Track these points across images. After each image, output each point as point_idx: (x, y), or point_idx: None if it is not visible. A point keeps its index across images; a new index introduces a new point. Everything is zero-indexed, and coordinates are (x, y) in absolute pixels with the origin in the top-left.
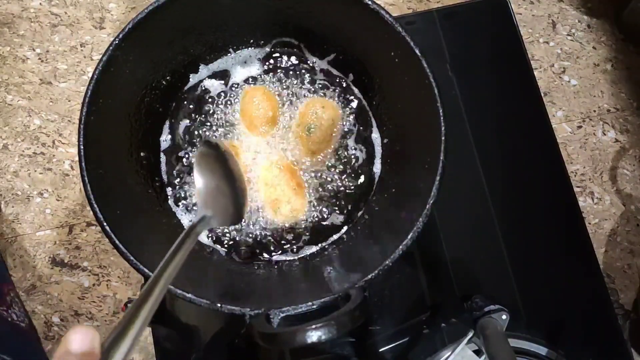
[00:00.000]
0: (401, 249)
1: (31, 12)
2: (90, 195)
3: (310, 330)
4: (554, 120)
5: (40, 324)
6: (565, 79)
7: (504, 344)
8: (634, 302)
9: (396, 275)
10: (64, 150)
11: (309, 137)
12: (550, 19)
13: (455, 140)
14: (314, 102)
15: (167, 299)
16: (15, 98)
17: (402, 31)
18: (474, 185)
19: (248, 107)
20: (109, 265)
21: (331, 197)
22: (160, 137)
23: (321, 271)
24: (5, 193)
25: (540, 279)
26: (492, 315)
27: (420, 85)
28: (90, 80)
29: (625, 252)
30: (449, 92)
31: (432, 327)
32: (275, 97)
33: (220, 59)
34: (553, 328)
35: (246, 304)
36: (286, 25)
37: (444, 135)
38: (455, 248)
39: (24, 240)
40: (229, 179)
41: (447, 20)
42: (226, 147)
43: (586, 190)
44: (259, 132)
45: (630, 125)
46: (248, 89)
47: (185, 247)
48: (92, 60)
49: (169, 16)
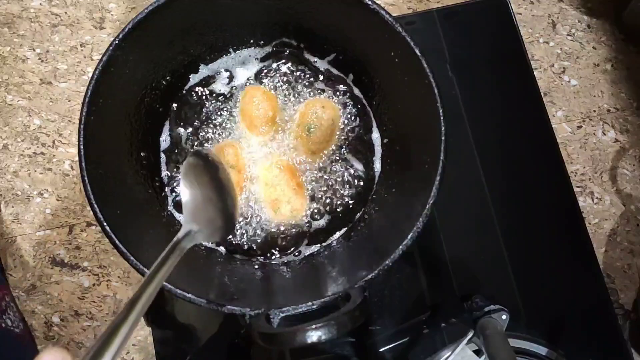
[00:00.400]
0: (401, 249)
1: (31, 12)
2: (90, 195)
3: (310, 330)
4: (554, 120)
5: (40, 324)
6: (565, 79)
7: (504, 344)
8: (634, 302)
9: (396, 275)
10: (64, 150)
11: (309, 137)
12: (550, 19)
13: (455, 140)
14: (314, 102)
15: (167, 299)
16: (15, 98)
17: (402, 31)
18: (474, 185)
19: (248, 107)
20: (109, 265)
21: (331, 197)
22: (160, 137)
23: (321, 271)
24: (5, 193)
25: (540, 279)
26: (492, 315)
27: (420, 85)
28: (90, 80)
29: (625, 252)
30: (449, 92)
31: (432, 327)
32: (275, 97)
33: (220, 59)
34: (553, 328)
35: (246, 304)
36: (286, 25)
37: (444, 135)
38: (455, 248)
39: (24, 240)
40: (218, 190)
41: (447, 20)
42: (216, 157)
43: (586, 190)
44: (259, 132)
45: (630, 125)
46: (248, 89)
47: (169, 263)
48: (92, 60)
49: (169, 16)
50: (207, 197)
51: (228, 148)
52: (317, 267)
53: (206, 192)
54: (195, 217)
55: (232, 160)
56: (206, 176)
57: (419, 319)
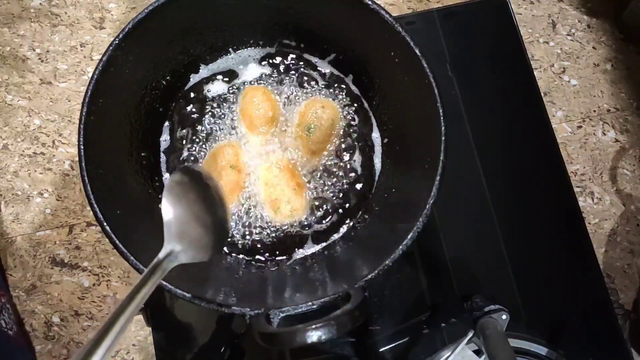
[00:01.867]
0: (401, 249)
1: (31, 12)
2: (90, 195)
3: (310, 330)
4: (554, 120)
5: (40, 324)
6: (565, 79)
7: (504, 344)
8: (634, 302)
9: (396, 275)
10: (64, 150)
11: (309, 137)
12: (550, 19)
13: (455, 140)
14: (314, 102)
15: (167, 299)
16: (15, 98)
17: (402, 31)
18: (474, 185)
19: (248, 107)
20: (109, 265)
21: (331, 197)
22: (160, 137)
23: (321, 271)
24: (5, 193)
25: (540, 279)
26: (492, 315)
27: (420, 85)
28: (90, 80)
29: (625, 252)
30: (449, 92)
31: (432, 327)
32: (276, 97)
33: (220, 59)
34: (553, 328)
35: (246, 304)
36: (286, 25)
37: (444, 135)
38: (455, 248)
39: (24, 240)
40: (207, 207)
41: (447, 20)
42: (207, 174)
43: (586, 190)
44: (259, 132)
45: (630, 125)
46: (248, 89)
47: (149, 285)
48: (92, 60)
49: (169, 16)
50: (193, 215)
51: (228, 148)
52: (317, 267)
53: (193, 210)
54: (179, 236)
55: (232, 160)
56: (193, 194)
57: (419, 319)
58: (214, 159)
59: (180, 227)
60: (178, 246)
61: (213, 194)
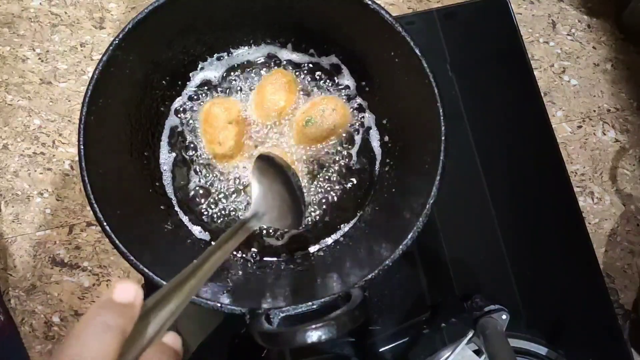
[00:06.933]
0: (401, 249)
1: (31, 12)
2: (90, 195)
3: (310, 330)
4: (554, 120)
5: (40, 324)
6: (565, 78)
7: (504, 344)
8: (634, 302)
9: (396, 275)
10: (64, 150)
11: (304, 128)
12: (550, 19)
13: (455, 140)
14: (329, 100)
15: None
16: (15, 98)
17: (402, 31)
18: (474, 185)
19: (265, 87)
20: (109, 265)
21: (331, 197)
22: (161, 137)
23: (321, 271)
24: (5, 193)
25: (540, 279)
26: (492, 315)
27: (420, 85)
28: (90, 80)
29: (625, 252)
30: (449, 92)
31: (432, 327)
32: (296, 92)
33: (220, 59)
34: (553, 328)
35: (246, 304)
36: (286, 25)
37: (444, 135)
38: (455, 248)
39: (24, 240)
40: (287, 187)
41: (447, 20)
42: (281, 160)
43: (586, 190)
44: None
45: (630, 125)
46: (276, 71)
47: (233, 241)
48: (92, 60)
49: (169, 16)
50: (275, 191)
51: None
52: (317, 267)
53: (274, 188)
54: (264, 201)
55: (228, 116)
56: (272, 176)
57: (419, 319)
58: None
59: (264, 198)
60: (262, 209)
61: (291, 178)
